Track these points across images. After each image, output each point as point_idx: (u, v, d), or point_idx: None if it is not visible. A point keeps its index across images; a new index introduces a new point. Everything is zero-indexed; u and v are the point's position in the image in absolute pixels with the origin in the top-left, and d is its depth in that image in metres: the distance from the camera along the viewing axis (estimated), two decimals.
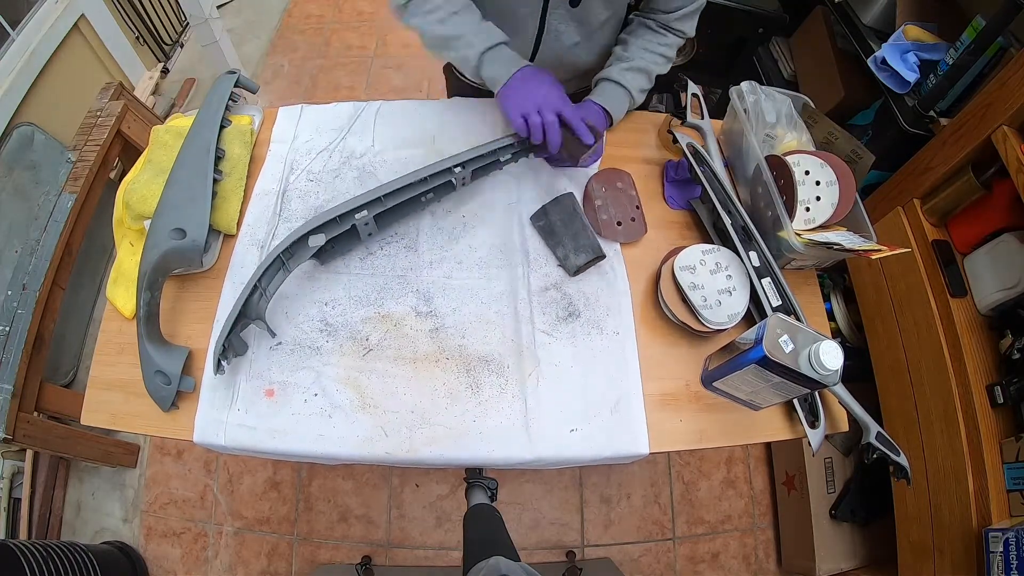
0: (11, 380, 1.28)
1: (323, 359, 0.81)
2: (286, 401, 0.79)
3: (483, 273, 0.88)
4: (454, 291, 0.86)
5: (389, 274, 0.88)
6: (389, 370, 0.81)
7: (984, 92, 1.10)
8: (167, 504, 1.67)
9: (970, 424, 1.11)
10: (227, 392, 0.79)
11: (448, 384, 0.80)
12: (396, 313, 0.85)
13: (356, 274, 0.88)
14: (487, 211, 0.93)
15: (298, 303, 0.85)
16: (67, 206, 1.47)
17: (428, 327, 0.84)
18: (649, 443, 0.78)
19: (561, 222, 0.88)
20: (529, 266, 0.89)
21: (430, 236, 0.91)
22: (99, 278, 1.93)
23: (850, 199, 0.84)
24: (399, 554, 1.62)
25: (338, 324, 0.84)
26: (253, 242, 0.90)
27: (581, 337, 0.84)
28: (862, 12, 1.42)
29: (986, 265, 1.16)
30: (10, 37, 1.73)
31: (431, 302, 0.86)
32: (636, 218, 0.91)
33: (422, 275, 0.87)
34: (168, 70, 2.48)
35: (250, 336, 0.82)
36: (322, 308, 0.85)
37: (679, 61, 1.67)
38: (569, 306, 0.86)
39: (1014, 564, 0.94)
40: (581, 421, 0.78)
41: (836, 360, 0.63)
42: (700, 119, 0.95)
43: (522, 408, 0.79)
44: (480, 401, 0.79)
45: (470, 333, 0.83)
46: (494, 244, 0.90)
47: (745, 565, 1.67)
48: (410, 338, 0.83)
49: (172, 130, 0.96)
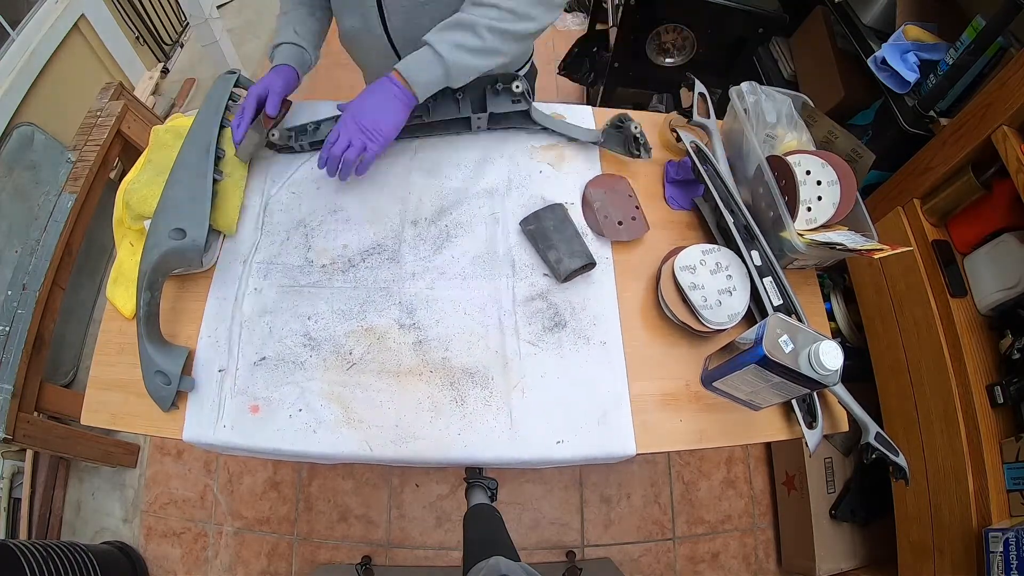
0: (11, 380, 1.28)
1: (307, 374, 0.81)
2: (271, 417, 0.78)
3: (466, 284, 0.87)
4: (437, 303, 0.85)
5: (372, 286, 0.87)
6: (373, 384, 0.80)
7: (984, 92, 1.10)
8: (167, 504, 1.67)
9: (970, 424, 1.11)
10: (213, 409, 0.78)
11: (432, 397, 0.79)
12: (379, 326, 0.84)
13: (339, 287, 0.87)
14: (470, 220, 0.92)
15: (281, 317, 0.84)
16: (67, 206, 1.47)
17: (411, 340, 0.83)
18: (636, 446, 0.78)
19: (554, 227, 0.87)
20: (515, 276, 0.87)
21: (413, 247, 0.89)
22: (99, 278, 1.93)
23: (851, 199, 0.84)
24: (399, 554, 1.62)
25: (321, 338, 0.83)
26: (236, 257, 0.89)
27: (567, 347, 0.83)
28: (862, 12, 1.42)
29: (986, 265, 1.16)
30: (10, 37, 1.73)
31: (414, 314, 0.85)
32: (637, 217, 0.91)
33: (405, 287, 0.86)
34: (168, 70, 2.48)
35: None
36: (305, 322, 0.84)
37: (679, 61, 1.67)
38: (555, 316, 0.85)
39: (1014, 564, 0.94)
40: (567, 433, 0.78)
41: (836, 360, 0.63)
42: (707, 118, 0.94)
43: (507, 421, 0.78)
44: (465, 414, 0.79)
45: (454, 345, 0.83)
46: (477, 254, 0.89)
47: (745, 565, 1.67)
48: (393, 351, 0.82)
49: (172, 130, 0.96)
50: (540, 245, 0.88)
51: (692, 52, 1.64)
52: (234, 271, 0.88)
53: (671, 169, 0.97)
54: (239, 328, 0.83)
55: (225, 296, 0.86)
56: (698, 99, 0.95)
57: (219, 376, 0.80)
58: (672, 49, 1.66)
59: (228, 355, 0.81)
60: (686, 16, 1.55)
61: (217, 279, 0.87)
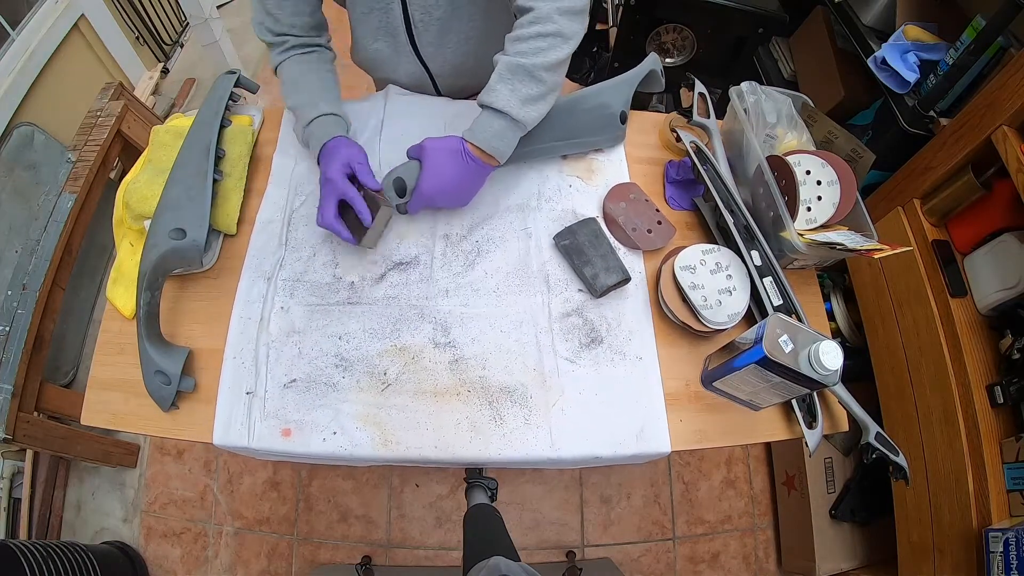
0: (11, 380, 1.28)
1: (340, 396, 0.78)
2: (303, 441, 0.76)
3: (501, 300, 0.85)
4: (472, 320, 0.83)
5: (404, 304, 0.84)
6: (410, 405, 0.78)
7: (984, 92, 1.10)
8: (167, 504, 1.67)
9: (970, 424, 1.11)
10: (241, 435, 0.76)
11: (471, 417, 0.78)
12: (413, 345, 0.81)
13: (369, 305, 0.84)
14: (502, 235, 0.90)
15: (311, 338, 0.82)
16: (67, 206, 1.47)
17: (447, 359, 0.81)
18: (671, 443, 0.79)
19: (589, 242, 0.86)
20: (549, 292, 0.86)
21: (445, 263, 0.87)
22: (99, 278, 1.93)
23: (851, 198, 0.84)
24: (399, 554, 1.62)
25: (354, 359, 0.80)
26: (259, 274, 0.86)
27: (604, 364, 0.82)
28: (862, 12, 1.42)
29: (986, 265, 1.16)
30: (10, 37, 1.72)
31: (449, 332, 0.82)
32: (662, 221, 0.90)
33: (438, 304, 0.84)
34: (168, 70, 2.47)
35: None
36: (336, 342, 0.81)
37: (679, 61, 1.67)
38: (591, 332, 0.84)
39: (1014, 564, 0.94)
40: (606, 448, 0.78)
41: (836, 360, 0.63)
42: (707, 118, 0.94)
43: (547, 439, 0.77)
44: (504, 433, 0.77)
45: (491, 363, 0.81)
46: (510, 270, 0.87)
47: (745, 565, 1.67)
48: (429, 371, 0.80)
49: (172, 130, 0.96)
50: (575, 261, 0.87)
51: (692, 52, 1.64)
52: (258, 289, 0.85)
53: (671, 169, 0.97)
54: (266, 349, 0.81)
55: (250, 316, 0.83)
56: (698, 99, 0.95)
57: (247, 399, 0.78)
58: (672, 49, 1.66)
59: (256, 377, 0.79)
60: (686, 16, 1.55)
61: (240, 298, 0.84)
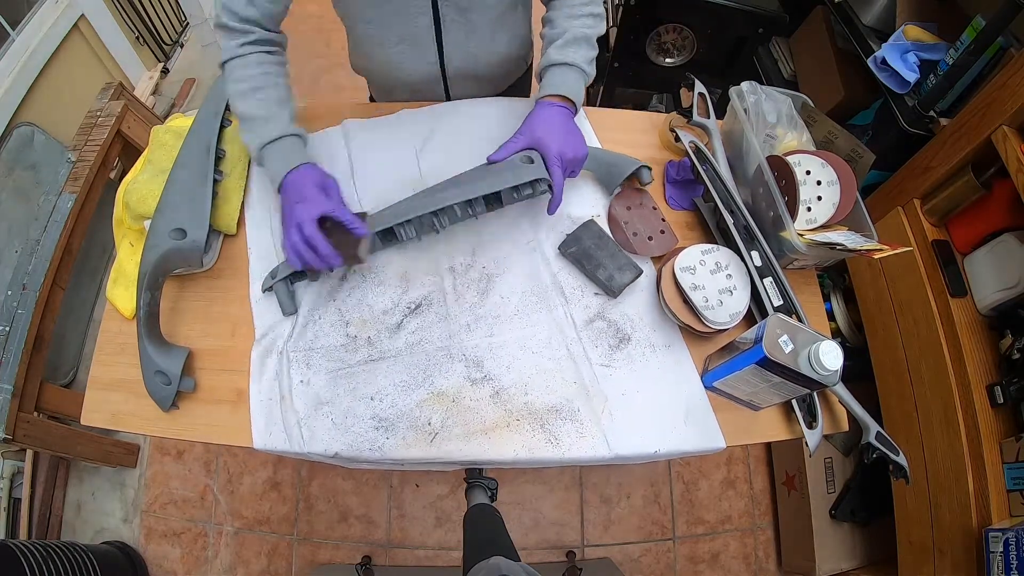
0: (11, 380, 1.29)
1: (389, 458, 0.77)
2: None
3: (524, 321, 0.84)
4: (502, 348, 0.82)
5: (429, 349, 0.82)
6: (463, 449, 0.77)
7: (984, 92, 1.10)
8: (167, 504, 1.67)
9: (970, 424, 1.11)
10: None
11: (527, 444, 0.77)
12: (450, 388, 0.79)
13: (394, 357, 0.81)
14: (506, 255, 0.89)
15: (340, 406, 0.78)
16: (67, 206, 1.48)
17: (487, 393, 0.79)
18: (724, 438, 0.79)
19: (595, 245, 0.87)
20: (568, 302, 0.86)
21: (457, 296, 0.85)
22: (99, 278, 1.93)
23: (851, 198, 0.84)
24: (399, 554, 1.62)
25: (392, 417, 0.77)
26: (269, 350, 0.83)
27: (638, 360, 0.83)
28: (862, 12, 1.42)
29: (986, 265, 1.16)
30: (10, 37, 1.72)
31: (482, 366, 0.81)
32: (665, 230, 0.90)
33: (464, 340, 0.82)
34: (168, 70, 2.47)
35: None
36: (369, 404, 0.78)
37: (679, 61, 1.67)
38: (618, 332, 0.84)
39: (1014, 564, 0.94)
40: (660, 441, 0.78)
41: (836, 360, 0.63)
42: (706, 118, 0.94)
43: (605, 446, 0.77)
44: (563, 451, 0.77)
45: (532, 387, 0.80)
46: (525, 289, 0.87)
47: (745, 565, 1.67)
48: (473, 410, 0.78)
49: (172, 130, 0.96)
50: (587, 266, 0.87)
51: (692, 52, 1.64)
52: (270, 367, 0.81)
53: (671, 169, 0.97)
54: (298, 429, 0.77)
55: (271, 397, 0.79)
56: (698, 99, 0.95)
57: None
58: (672, 49, 1.66)
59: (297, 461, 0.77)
60: (686, 16, 1.55)
61: (254, 377, 0.80)
